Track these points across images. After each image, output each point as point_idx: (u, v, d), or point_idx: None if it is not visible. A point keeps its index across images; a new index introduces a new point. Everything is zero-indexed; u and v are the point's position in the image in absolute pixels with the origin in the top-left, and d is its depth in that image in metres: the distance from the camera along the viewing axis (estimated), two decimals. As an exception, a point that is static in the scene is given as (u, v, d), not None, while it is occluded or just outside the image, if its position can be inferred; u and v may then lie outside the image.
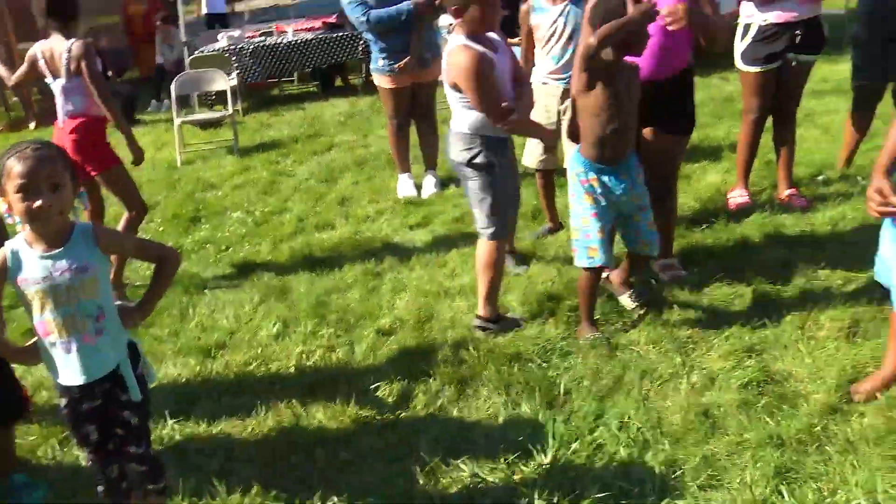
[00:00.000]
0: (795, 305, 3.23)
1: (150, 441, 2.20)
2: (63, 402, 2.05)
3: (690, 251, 3.83)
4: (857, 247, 3.56)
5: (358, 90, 9.66)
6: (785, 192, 4.33)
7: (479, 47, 2.95)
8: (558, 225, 4.40)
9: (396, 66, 4.98)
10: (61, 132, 3.85)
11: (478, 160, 3.09)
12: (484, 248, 3.23)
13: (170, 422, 2.83)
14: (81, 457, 2.34)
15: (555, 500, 2.26)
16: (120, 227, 4.09)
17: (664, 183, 3.47)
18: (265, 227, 4.99)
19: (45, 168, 1.84)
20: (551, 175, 4.25)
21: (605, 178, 3.00)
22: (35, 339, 2.02)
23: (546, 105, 3.93)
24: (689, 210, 4.32)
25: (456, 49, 2.99)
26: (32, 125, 9.10)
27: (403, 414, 2.81)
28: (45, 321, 1.95)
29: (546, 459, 2.47)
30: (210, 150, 7.19)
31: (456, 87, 3.04)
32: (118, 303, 2.08)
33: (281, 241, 4.68)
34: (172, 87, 7.09)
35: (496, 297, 3.32)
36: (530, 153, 4.16)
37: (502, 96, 3.02)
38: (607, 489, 2.29)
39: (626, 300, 3.38)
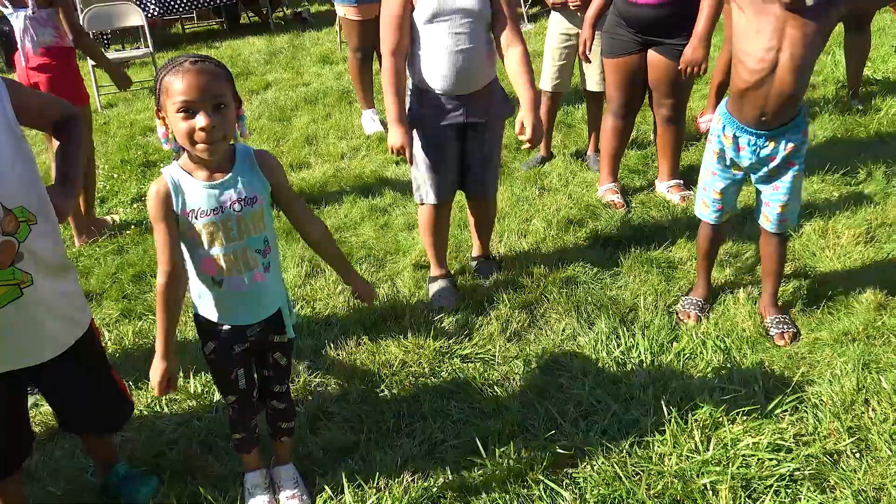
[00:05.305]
0: (810, 216, 3.44)
1: (290, 378, 2.07)
2: (210, 346, 1.85)
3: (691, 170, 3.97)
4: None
5: (271, 27, 9.18)
6: None
7: None
8: (550, 154, 4.41)
9: None
10: (28, 69, 3.39)
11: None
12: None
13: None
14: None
15: (673, 407, 2.31)
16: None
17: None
18: (234, 168, 4.66)
19: (208, 84, 1.59)
20: (559, 99, 4.23)
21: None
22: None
23: (565, 28, 3.88)
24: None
25: None
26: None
27: (479, 342, 2.76)
28: (213, 257, 1.74)
29: (643, 373, 2.52)
30: (130, 92, 6.57)
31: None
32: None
33: (261, 182, 4.39)
34: (82, 22, 6.38)
35: None
36: (545, 74, 4.12)
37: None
38: (720, 392, 2.37)
39: None
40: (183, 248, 1.75)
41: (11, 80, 1.70)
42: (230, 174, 1.72)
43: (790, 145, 2.49)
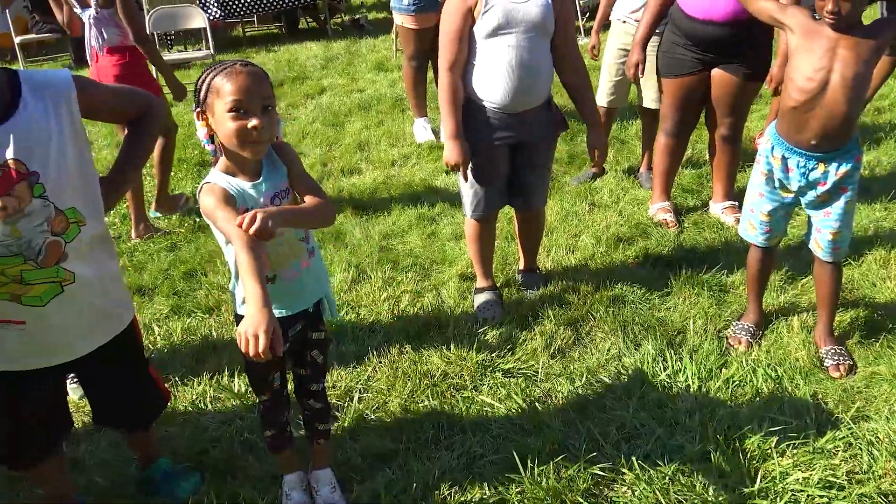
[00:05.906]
0: (871, 245, 3.32)
1: (325, 378, 2.10)
2: None
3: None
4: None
5: (328, 32, 9.31)
6: None
7: None
8: (602, 169, 4.36)
9: None
10: (100, 67, 3.51)
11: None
12: None
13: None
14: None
15: (720, 435, 2.25)
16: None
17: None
18: (286, 171, 4.73)
19: (258, 86, 1.63)
20: (614, 114, 4.20)
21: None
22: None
23: (623, 43, 3.85)
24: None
25: None
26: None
27: (523, 356, 2.73)
28: (265, 255, 1.76)
29: (689, 398, 2.46)
30: (190, 92, 6.75)
31: None
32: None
33: (312, 186, 4.45)
34: (147, 23, 6.58)
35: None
36: (601, 89, 4.09)
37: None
38: (770, 423, 2.30)
39: None
40: (229, 251, 1.77)
41: (84, 79, 1.73)
42: (264, 172, 1.75)
43: (842, 170, 2.41)
